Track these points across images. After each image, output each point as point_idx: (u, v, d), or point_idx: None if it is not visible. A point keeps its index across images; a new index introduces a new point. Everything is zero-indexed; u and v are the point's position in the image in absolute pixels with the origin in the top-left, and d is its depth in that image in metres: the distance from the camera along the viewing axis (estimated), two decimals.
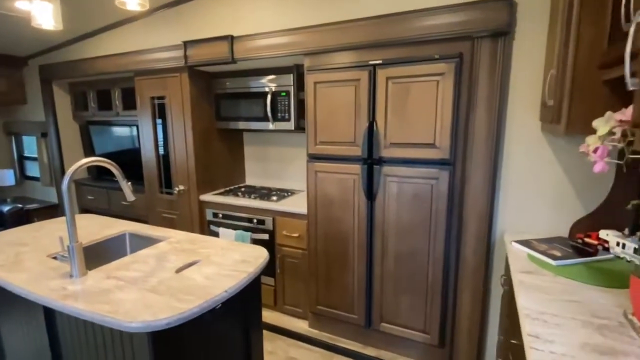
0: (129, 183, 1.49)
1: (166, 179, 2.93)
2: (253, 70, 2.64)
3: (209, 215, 2.75)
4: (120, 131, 3.48)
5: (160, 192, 2.97)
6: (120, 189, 3.40)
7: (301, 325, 2.45)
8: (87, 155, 3.81)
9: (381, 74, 1.90)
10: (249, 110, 2.65)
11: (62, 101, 3.58)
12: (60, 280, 1.29)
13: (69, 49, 3.24)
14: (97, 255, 1.72)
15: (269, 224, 2.48)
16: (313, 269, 2.31)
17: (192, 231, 2.83)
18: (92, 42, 3.09)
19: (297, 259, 2.43)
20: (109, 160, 1.42)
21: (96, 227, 1.93)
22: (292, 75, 2.44)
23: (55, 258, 1.50)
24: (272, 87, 2.52)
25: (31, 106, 3.68)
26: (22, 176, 4.03)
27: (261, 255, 1.48)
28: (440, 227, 1.88)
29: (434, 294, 1.96)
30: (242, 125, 2.72)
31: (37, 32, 2.90)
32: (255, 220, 2.53)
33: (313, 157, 2.19)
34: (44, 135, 3.61)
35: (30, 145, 3.91)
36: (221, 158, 2.98)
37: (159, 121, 2.87)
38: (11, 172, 3.83)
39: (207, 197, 2.75)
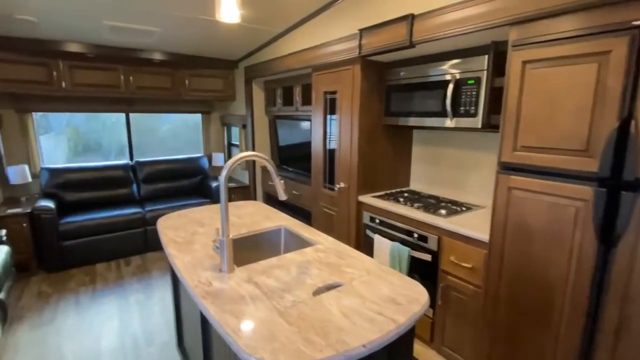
0: (282, 181, 1.38)
1: (330, 175, 2.88)
2: (433, 56, 2.20)
3: (365, 219, 2.53)
4: (299, 125, 3.70)
5: (323, 187, 2.96)
6: (293, 179, 3.68)
7: None
8: (272, 145, 4.28)
9: None
10: (422, 103, 2.23)
11: (258, 98, 4.12)
12: (211, 272, 1.28)
13: (266, 50, 3.64)
14: (253, 245, 1.74)
15: (432, 243, 2.03)
16: (489, 316, 1.73)
17: (348, 232, 2.68)
18: (283, 41, 3.34)
19: (465, 295, 1.88)
20: (265, 157, 1.33)
21: (259, 217, 1.99)
22: (486, 56, 1.87)
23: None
24: (456, 74, 2.02)
25: (238, 102, 4.40)
26: (229, 159, 4.94)
27: (418, 298, 1.09)
28: None
29: None
30: (413, 121, 2.33)
31: (244, 38, 3.36)
32: (416, 235, 2.12)
33: (508, 168, 1.59)
34: (244, 126, 4.26)
35: (235, 134, 4.73)
36: (385, 158, 2.69)
37: (329, 117, 2.83)
38: (222, 155, 4.74)
39: (366, 198, 2.53)
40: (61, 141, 4.34)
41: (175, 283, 1.90)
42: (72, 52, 3.30)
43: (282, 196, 1.39)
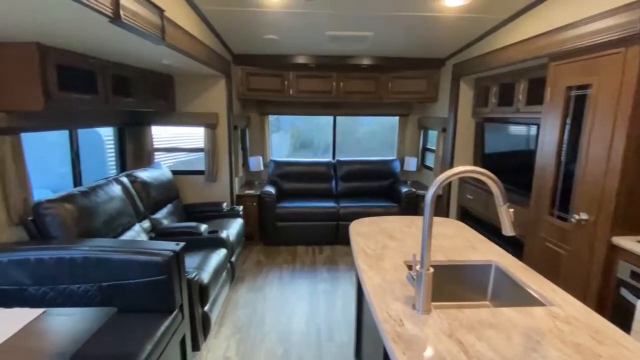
0: (512, 210, 1.01)
1: (562, 199, 2.16)
2: None
3: (622, 272, 1.72)
4: (515, 130, 3.03)
5: (549, 214, 2.25)
6: None
7: None
8: (476, 152, 3.72)
9: None
10: None
11: (465, 98, 3.64)
12: (402, 305, 1.08)
13: (480, 44, 3.13)
14: (451, 278, 1.43)
15: None
16: None
17: (586, 285, 1.92)
18: (503, 31, 2.77)
19: None
20: (491, 175, 1.00)
21: (461, 242, 1.65)
22: None
23: (410, 269, 1.35)
24: None
25: (439, 104, 4.05)
26: (422, 164, 4.67)
27: None
28: None
29: None
30: None
31: (458, 32, 2.99)
32: None
33: None
34: (444, 130, 3.88)
35: (432, 138, 4.41)
36: None
37: (569, 120, 2.11)
38: (415, 159, 4.52)
39: (626, 242, 1.72)
40: (286, 139, 5.24)
41: (360, 291, 1.83)
42: (299, 64, 3.84)
43: (508, 230, 1.03)
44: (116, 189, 2.43)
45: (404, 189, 3.99)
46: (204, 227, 2.77)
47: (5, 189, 1.88)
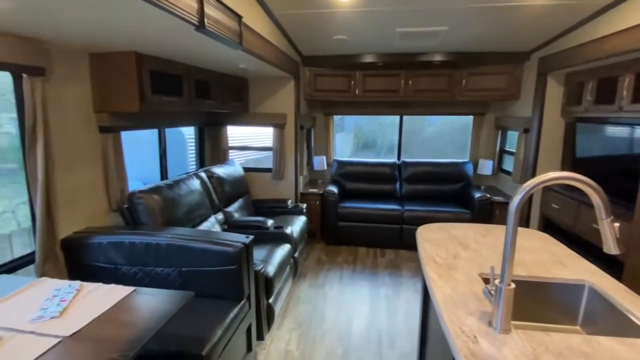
0: (617, 225, 0.87)
1: None
2: None
3: None
4: (614, 131, 2.62)
5: None
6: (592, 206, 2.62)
7: None
8: (565, 157, 3.31)
9: None
10: None
11: (553, 95, 3.25)
12: (476, 321, 1.00)
13: (574, 34, 2.76)
14: (533, 295, 1.28)
15: None
16: None
17: None
18: (604, 18, 2.40)
19: None
20: (592, 183, 0.87)
21: (545, 256, 1.47)
22: None
23: (486, 282, 1.24)
24: None
25: (521, 102, 3.67)
26: (499, 168, 4.29)
27: None
28: None
29: None
30: None
31: (546, 21, 2.68)
32: None
33: None
34: (526, 131, 3.51)
35: (512, 139, 4.02)
36: None
37: None
38: (491, 162, 4.16)
39: None
40: (349, 139, 5.24)
41: (426, 301, 1.74)
42: (366, 63, 3.79)
43: (611, 248, 0.89)
44: (196, 183, 2.65)
45: (477, 194, 3.71)
46: (270, 222, 2.89)
47: (107, 179, 2.18)
